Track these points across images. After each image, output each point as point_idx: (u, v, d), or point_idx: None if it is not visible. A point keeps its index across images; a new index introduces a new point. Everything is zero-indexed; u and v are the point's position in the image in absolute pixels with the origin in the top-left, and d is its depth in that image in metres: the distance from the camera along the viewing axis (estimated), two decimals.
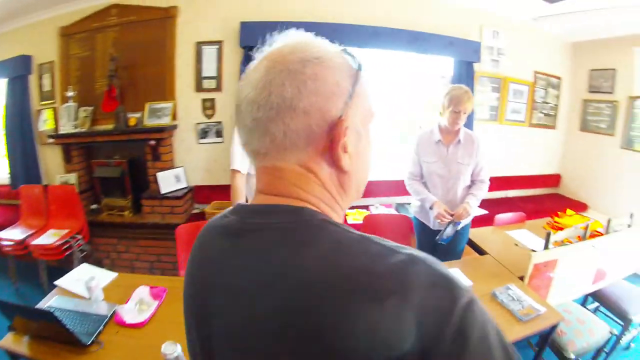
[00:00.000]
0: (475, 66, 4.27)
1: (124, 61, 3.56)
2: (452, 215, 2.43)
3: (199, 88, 3.75)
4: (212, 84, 3.76)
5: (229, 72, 3.75)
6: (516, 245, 2.82)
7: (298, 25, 2.46)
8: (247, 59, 3.60)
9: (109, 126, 3.64)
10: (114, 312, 1.76)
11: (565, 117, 4.97)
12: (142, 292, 1.93)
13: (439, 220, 2.47)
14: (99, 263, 3.38)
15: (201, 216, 3.59)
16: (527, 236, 2.93)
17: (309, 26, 2.27)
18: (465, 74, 4.19)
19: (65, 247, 3.05)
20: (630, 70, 4.15)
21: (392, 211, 4.00)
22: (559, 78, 4.83)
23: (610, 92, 4.34)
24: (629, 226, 2.74)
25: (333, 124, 0.53)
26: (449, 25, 4.09)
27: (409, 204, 4.14)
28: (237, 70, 3.71)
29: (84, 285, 1.80)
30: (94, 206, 3.75)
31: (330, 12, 3.82)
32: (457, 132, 2.50)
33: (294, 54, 0.54)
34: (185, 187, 3.77)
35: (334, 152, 0.55)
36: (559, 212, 3.25)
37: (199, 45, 3.66)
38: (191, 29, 3.63)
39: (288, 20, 3.62)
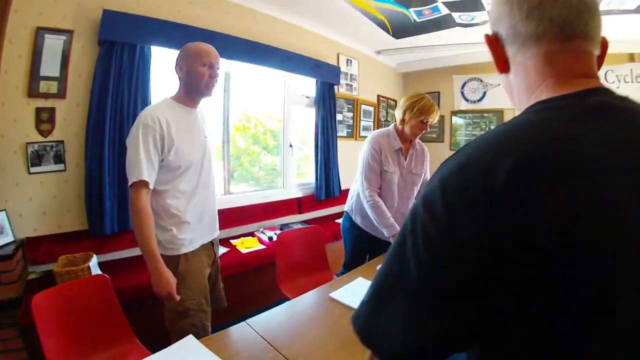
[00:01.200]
0: (335, 88, 4.63)
1: None
2: None
3: (34, 92, 2.62)
4: (52, 87, 2.69)
5: (77, 74, 2.77)
6: None
7: (174, 26, 2.63)
8: (105, 58, 2.77)
9: None
10: None
11: None
12: None
13: None
14: None
15: (49, 279, 2.42)
16: None
17: (186, 29, 2.46)
18: (328, 95, 4.44)
19: None
20: (451, 92, 5.70)
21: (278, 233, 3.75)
22: (395, 101, 5.80)
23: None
24: None
25: None
26: (313, 50, 4.37)
27: (295, 223, 4.14)
28: (89, 72, 2.78)
29: None
30: None
31: (207, 18, 3.41)
32: (412, 141, 2.51)
33: None
34: (12, 242, 2.49)
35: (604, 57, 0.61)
36: None
37: (40, 32, 2.58)
38: (31, 8, 2.55)
39: (161, 18, 3.03)
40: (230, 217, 3.53)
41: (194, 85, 1.75)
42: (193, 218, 1.79)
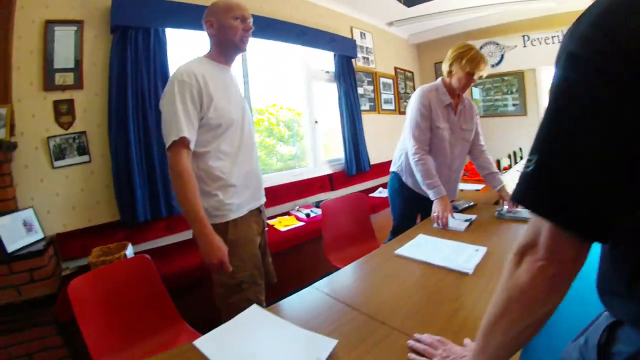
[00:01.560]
0: (353, 62, 4.46)
1: None
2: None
3: (50, 85, 2.50)
4: (68, 78, 2.56)
5: (92, 62, 2.64)
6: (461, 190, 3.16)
7: (186, 6, 2.32)
8: (119, 45, 2.62)
9: None
10: None
11: None
12: None
13: (435, 224, 2.09)
14: None
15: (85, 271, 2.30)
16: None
17: (199, 9, 1.86)
18: (347, 68, 4.26)
19: None
20: None
21: (315, 210, 3.59)
22: (411, 72, 5.60)
23: None
24: (521, 158, 3.75)
25: None
26: (327, 24, 4.25)
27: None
28: (104, 60, 2.65)
29: None
30: None
31: None
32: (461, 96, 2.31)
33: None
34: (41, 239, 2.35)
35: None
36: None
37: (50, 25, 2.45)
38: (37, 1, 2.42)
39: None
40: None
41: (227, 41, 1.58)
42: (239, 181, 1.60)
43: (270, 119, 4.11)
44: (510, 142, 4.98)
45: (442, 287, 1.34)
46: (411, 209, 2.48)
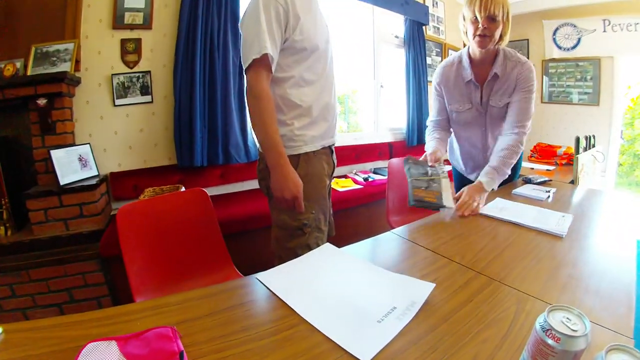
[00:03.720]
0: (424, 29, 4.01)
1: None
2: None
3: (118, 24, 2.30)
4: (138, 18, 2.35)
5: (164, 5, 2.44)
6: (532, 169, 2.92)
7: None
8: None
9: None
10: None
11: None
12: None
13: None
14: None
15: None
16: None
17: None
18: (417, 35, 3.79)
19: None
20: (541, 39, 4.78)
21: (373, 175, 3.29)
22: None
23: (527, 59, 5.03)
24: (593, 145, 3.20)
25: None
26: None
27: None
28: (176, 2, 2.43)
29: None
30: None
31: None
32: (492, 60, 1.59)
33: None
34: (95, 176, 2.22)
35: None
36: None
37: None
38: None
39: None
40: None
41: None
42: (317, 111, 1.32)
43: None
44: (579, 133, 4.38)
45: (535, 246, 1.13)
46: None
